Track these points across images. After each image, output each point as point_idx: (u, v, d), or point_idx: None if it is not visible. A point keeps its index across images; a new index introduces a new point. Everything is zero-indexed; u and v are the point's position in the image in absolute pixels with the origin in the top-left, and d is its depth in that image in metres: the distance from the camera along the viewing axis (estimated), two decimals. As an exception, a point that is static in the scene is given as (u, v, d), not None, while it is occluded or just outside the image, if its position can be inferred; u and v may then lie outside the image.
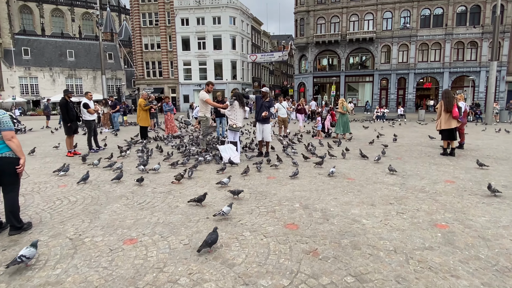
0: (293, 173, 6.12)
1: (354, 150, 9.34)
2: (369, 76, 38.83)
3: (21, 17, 67.93)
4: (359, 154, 8.39)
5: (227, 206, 3.97)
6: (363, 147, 9.89)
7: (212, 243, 3.11)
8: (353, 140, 11.69)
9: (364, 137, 12.62)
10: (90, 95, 9.26)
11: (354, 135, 13.09)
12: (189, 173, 6.01)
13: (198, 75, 44.30)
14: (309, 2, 38.74)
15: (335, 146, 9.92)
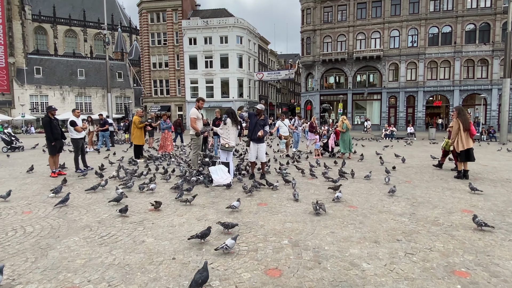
0: (294, 195, 5.61)
1: (359, 171, 8.60)
2: (377, 94, 38.22)
3: (36, 37, 70.06)
4: (362, 176, 7.66)
5: (231, 239, 3.41)
6: (367, 168, 9.14)
7: (203, 283, 2.65)
8: (356, 159, 10.93)
9: (371, 157, 11.85)
10: (77, 112, 8.84)
11: (360, 154, 12.35)
12: (187, 199, 5.44)
13: (205, 93, 44.35)
14: (315, 22, 38.84)
15: (333, 167, 9.22)
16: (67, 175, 8.09)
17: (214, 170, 6.72)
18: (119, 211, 4.74)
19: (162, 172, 7.88)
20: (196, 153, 7.97)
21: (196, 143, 7.96)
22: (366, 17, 37.54)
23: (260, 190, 6.37)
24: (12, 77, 50.67)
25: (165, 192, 6.32)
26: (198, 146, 8.01)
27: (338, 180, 7.01)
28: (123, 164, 9.84)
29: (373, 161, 10.89)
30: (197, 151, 8.02)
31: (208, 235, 3.73)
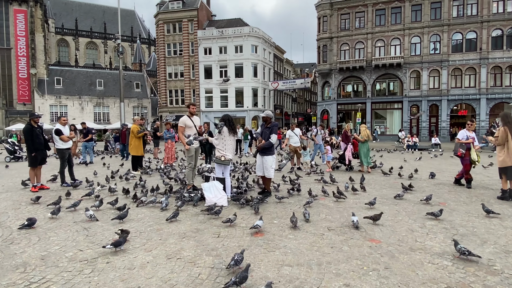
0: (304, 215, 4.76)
1: (381, 188, 7.35)
2: (398, 103, 36.49)
3: (58, 49, 72.25)
4: (387, 197, 6.41)
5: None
6: (390, 184, 7.86)
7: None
8: (378, 173, 9.61)
9: (396, 171, 10.49)
10: (63, 120, 8.04)
11: (379, 168, 11.03)
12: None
13: (219, 103, 43.89)
14: (332, 29, 37.80)
15: (344, 183, 7.97)
16: (51, 189, 7.27)
17: (207, 187, 5.67)
18: (111, 245, 3.71)
19: (146, 190, 6.94)
20: (190, 166, 6.99)
21: (191, 155, 6.99)
22: (385, 23, 36.19)
23: (259, 212, 5.28)
24: (33, 87, 51.96)
25: (145, 215, 5.31)
26: (193, 158, 7.01)
27: (374, 202, 5.71)
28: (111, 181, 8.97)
29: (395, 176, 9.56)
30: (192, 164, 7.03)
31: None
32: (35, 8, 52.90)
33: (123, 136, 13.89)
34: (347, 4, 37.20)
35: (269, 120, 6.66)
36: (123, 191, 6.75)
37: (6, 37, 51.62)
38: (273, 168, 6.55)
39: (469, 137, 7.77)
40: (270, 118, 6.68)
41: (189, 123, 6.87)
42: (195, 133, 6.90)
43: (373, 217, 4.71)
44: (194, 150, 6.94)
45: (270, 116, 6.70)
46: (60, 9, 73.22)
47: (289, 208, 5.59)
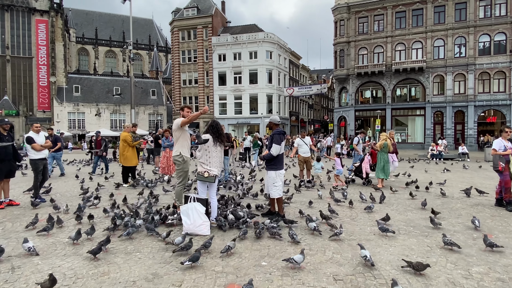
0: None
1: (406, 211, 6.05)
2: (420, 109, 34.52)
3: (79, 58, 73.99)
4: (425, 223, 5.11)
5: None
6: (416, 204, 6.54)
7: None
8: (404, 191, 8.25)
9: (424, 184, 9.07)
10: (36, 127, 7.19)
11: (399, 181, 9.65)
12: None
13: (233, 110, 43.19)
14: (349, 33, 36.44)
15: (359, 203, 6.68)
16: (21, 206, 6.39)
17: (185, 211, 4.58)
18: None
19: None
20: (183, 183, 5.88)
21: (182, 169, 5.88)
22: (406, 26, 34.51)
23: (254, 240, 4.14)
24: (53, 95, 53.02)
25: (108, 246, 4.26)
26: (185, 173, 5.92)
27: (387, 229, 4.53)
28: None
29: (428, 193, 8.17)
30: (184, 181, 5.98)
31: None
32: (56, 18, 54.26)
33: (98, 145, 12.15)
34: (365, 7, 35.81)
35: (273, 126, 5.57)
36: (104, 211, 5.75)
37: (28, 47, 53.10)
38: (277, 186, 5.38)
39: (506, 147, 6.35)
40: (274, 124, 5.58)
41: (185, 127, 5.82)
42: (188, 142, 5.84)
43: (415, 266, 3.37)
44: (188, 163, 5.88)
45: (274, 121, 5.61)
46: (81, 19, 75.20)
47: (287, 240, 4.41)
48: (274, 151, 5.27)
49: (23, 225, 5.10)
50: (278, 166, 5.44)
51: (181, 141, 5.67)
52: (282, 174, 5.50)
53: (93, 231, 4.41)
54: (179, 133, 5.63)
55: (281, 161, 5.51)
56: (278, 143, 5.30)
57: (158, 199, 7.02)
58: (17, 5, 51.70)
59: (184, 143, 5.72)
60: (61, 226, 5.05)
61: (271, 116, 5.72)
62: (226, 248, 3.80)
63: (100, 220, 5.43)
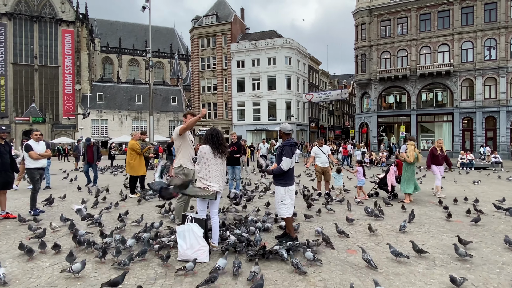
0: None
1: (440, 233, 5.26)
2: (448, 115, 32.82)
3: (103, 66, 76.34)
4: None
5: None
6: (452, 228, 5.72)
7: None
8: (431, 206, 7.39)
9: (451, 197, 8.16)
10: (36, 134, 6.90)
11: (427, 193, 8.74)
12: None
13: (252, 116, 42.86)
14: (371, 37, 35.36)
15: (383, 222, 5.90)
16: (17, 219, 6.06)
17: (181, 233, 4.00)
18: None
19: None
20: (183, 199, 5.28)
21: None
22: (431, 28, 33.08)
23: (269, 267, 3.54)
24: (77, 102, 54.64)
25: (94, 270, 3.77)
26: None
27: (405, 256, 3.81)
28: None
29: (456, 207, 7.27)
30: (185, 196, 5.29)
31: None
32: (81, 28, 56.18)
33: (90, 154, 11.21)
34: (388, 10, 34.68)
35: (283, 136, 4.91)
36: (101, 234, 4.81)
37: (55, 56, 55.16)
38: (286, 203, 4.69)
39: None
40: (284, 134, 4.90)
41: (187, 133, 5.30)
42: (190, 153, 5.33)
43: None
44: (192, 174, 5.31)
45: (284, 130, 4.90)
46: (106, 29, 77.75)
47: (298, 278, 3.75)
48: (285, 165, 4.62)
49: (9, 243, 4.74)
50: (287, 182, 4.78)
51: (182, 151, 5.17)
52: (292, 191, 4.85)
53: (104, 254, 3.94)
54: (179, 142, 5.15)
55: (291, 176, 4.87)
56: (289, 156, 4.64)
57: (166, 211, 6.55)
58: (45, 16, 53.96)
59: (185, 154, 5.21)
60: (42, 252, 4.37)
61: (281, 125, 5.00)
62: (252, 274, 3.33)
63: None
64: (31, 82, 54.16)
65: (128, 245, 4.26)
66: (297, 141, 4.57)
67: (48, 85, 55.25)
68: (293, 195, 4.87)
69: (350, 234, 5.15)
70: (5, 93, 52.08)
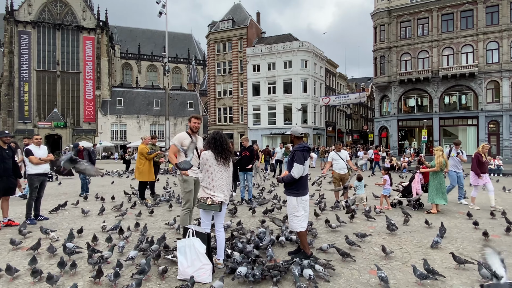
0: None
1: (475, 250, 4.69)
2: (472, 119, 31.39)
3: (123, 72, 78.00)
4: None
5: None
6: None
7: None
8: (460, 218, 6.73)
9: (483, 210, 7.47)
10: (36, 138, 6.66)
11: (454, 202, 8.04)
12: None
13: (267, 120, 42.53)
14: (390, 38, 34.41)
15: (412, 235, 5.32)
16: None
17: (182, 249, 3.61)
18: None
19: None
20: (187, 208, 4.91)
21: (184, 190, 4.92)
22: (454, 29, 31.86)
23: None
24: (97, 107, 55.85)
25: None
26: (191, 195, 4.90)
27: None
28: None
29: (489, 221, 6.60)
30: (189, 204, 4.95)
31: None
32: (102, 35, 57.59)
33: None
34: (408, 11, 33.69)
35: (295, 140, 4.45)
36: (92, 250, 4.28)
37: (76, 62, 56.73)
38: (298, 216, 4.21)
39: None
40: (295, 138, 4.44)
41: (187, 142, 4.86)
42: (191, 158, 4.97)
43: None
44: (194, 182, 4.99)
45: (296, 134, 4.43)
46: (126, 36, 79.55)
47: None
48: (296, 173, 4.15)
49: (3, 254, 4.49)
50: (300, 191, 4.29)
51: (182, 157, 4.86)
52: (305, 201, 4.35)
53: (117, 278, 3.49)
54: (177, 149, 4.87)
55: (304, 185, 4.36)
56: (301, 162, 4.17)
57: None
58: (67, 24, 55.65)
59: (182, 159, 4.87)
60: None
61: (292, 128, 4.57)
62: None
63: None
64: (54, 88, 55.83)
65: (131, 257, 3.95)
66: (311, 145, 4.08)
67: (69, 91, 56.80)
68: (307, 205, 4.37)
69: (372, 251, 4.64)
70: (29, 99, 53.89)
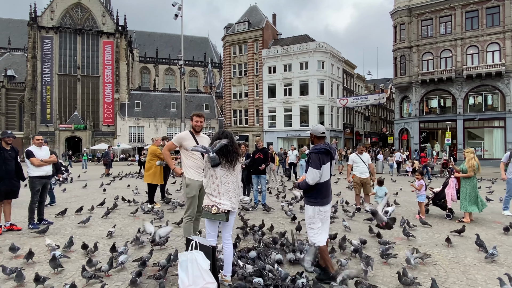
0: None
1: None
2: (499, 120, 29.82)
3: (141, 76, 79.29)
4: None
5: None
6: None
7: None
8: (498, 228, 6.01)
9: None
10: (37, 139, 6.38)
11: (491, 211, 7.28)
12: None
13: (283, 122, 41.95)
14: (411, 37, 33.26)
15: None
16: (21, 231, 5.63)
17: (183, 264, 3.15)
18: None
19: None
20: (190, 216, 4.39)
21: (186, 195, 4.40)
22: (479, 26, 30.45)
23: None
24: (116, 110, 56.80)
25: None
26: (195, 201, 4.38)
27: None
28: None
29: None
30: (192, 211, 4.41)
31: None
32: (120, 39, 58.63)
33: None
34: (429, 9, 32.49)
35: (315, 140, 3.91)
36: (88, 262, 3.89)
37: (96, 66, 57.95)
38: (314, 228, 3.70)
39: None
40: (315, 137, 3.89)
41: (188, 143, 4.33)
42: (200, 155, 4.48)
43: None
44: (198, 187, 4.39)
45: (315, 133, 3.89)
46: (144, 40, 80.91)
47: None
48: (311, 179, 3.62)
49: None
50: (318, 200, 3.72)
51: (183, 159, 4.41)
52: (324, 212, 3.75)
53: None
54: (185, 154, 4.40)
55: (324, 193, 3.75)
56: (317, 166, 3.62)
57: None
58: (87, 29, 56.96)
59: (187, 162, 4.39)
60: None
61: (312, 127, 4.02)
62: None
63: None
64: (74, 91, 57.19)
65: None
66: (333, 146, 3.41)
67: (89, 94, 58.03)
68: (326, 217, 3.79)
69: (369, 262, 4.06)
70: (51, 102, 55.35)
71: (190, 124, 4.64)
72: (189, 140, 4.37)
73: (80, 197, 10.17)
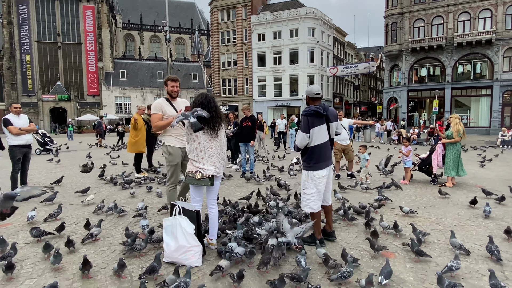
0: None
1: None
2: (486, 89, 30.11)
3: (125, 44, 76.25)
4: None
5: None
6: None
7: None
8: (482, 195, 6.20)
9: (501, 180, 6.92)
10: (15, 107, 6.10)
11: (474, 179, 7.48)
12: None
13: (273, 92, 41.49)
14: (403, 3, 32.48)
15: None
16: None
17: (168, 228, 3.16)
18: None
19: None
20: (173, 183, 4.34)
21: (169, 163, 4.30)
22: (473, -9, 29.85)
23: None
24: (100, 80, 55.08)
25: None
26: (177, 168, 4.32)
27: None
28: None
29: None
30: (174, 179, 4.35)
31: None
32: (101, 4, 55.64)
33: None
34: (423, -27, 31.52)
35: (310, 102, 3.75)
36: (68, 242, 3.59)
37: (77, 33, 55.29)
38: (307, 193, 3.67)
39: None
40: (310, 99, 3.74)
41: (167, 109, 4.24)
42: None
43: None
44: (181, 154, 4.28)
45: (310, 93, 3.73)
46: (127, 6, 76.96)
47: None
48: (298, 141, 3.61)
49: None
50: (311, 165, 3.66)
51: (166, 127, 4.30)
52: (319, 177, 3.64)
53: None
54: (161, 116, 4.28)
55: (320, 157, 3.64)
56: (305, 129, 3.55)
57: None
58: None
59: (169, 129, 4.26)
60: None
61: (307, 87, 3.80)
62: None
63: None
64: (56, 60, 54.85)
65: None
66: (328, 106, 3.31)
67: (72, 63, 55.82)
68: (321, 183, 3.66)
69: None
70: (31, 71, 53.15)
71: (164, 88, 4.46)
72: (167, 106, 4.24)
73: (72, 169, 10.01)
